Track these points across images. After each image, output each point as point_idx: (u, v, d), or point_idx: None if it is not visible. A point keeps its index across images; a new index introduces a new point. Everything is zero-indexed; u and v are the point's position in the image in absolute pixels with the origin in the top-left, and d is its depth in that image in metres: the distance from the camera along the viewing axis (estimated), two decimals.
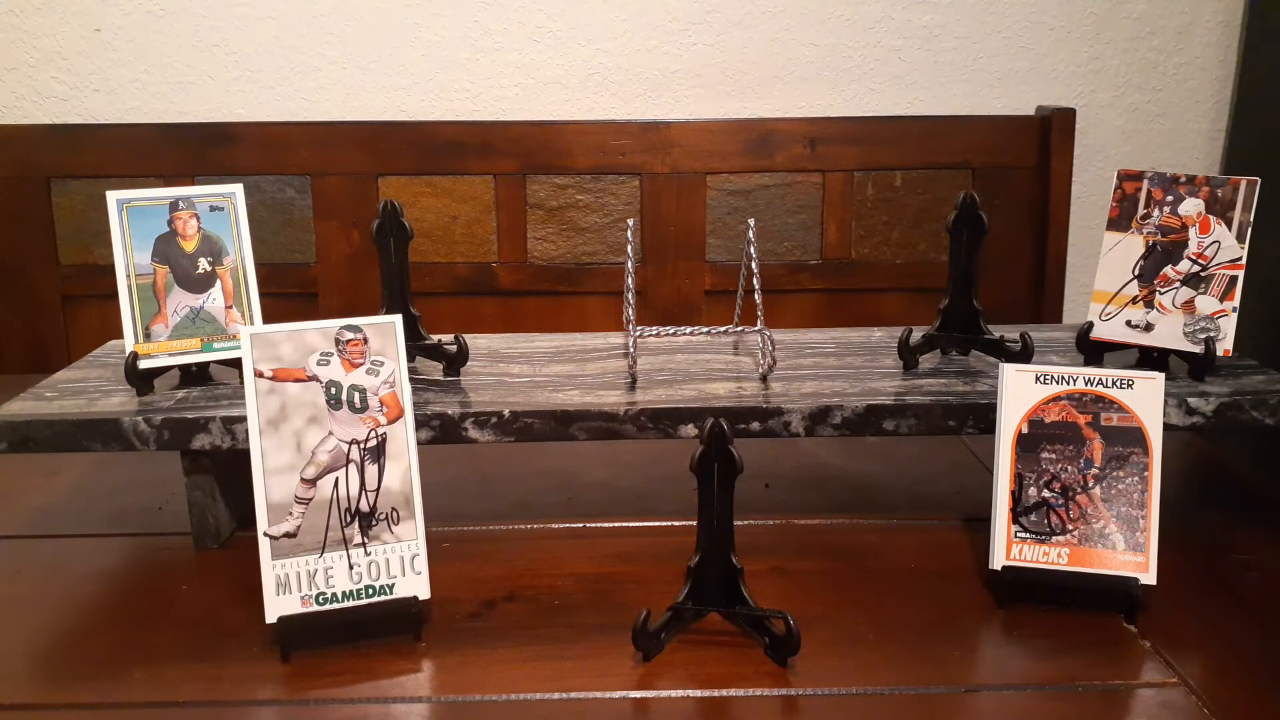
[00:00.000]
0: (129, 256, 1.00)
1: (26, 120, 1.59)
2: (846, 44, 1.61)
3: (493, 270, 1.60)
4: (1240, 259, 1.01)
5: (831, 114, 1.62)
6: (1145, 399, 0.89)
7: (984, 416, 0.97)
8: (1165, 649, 0.83)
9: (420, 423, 0.95)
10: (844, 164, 1.59)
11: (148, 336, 1.00)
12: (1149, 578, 0.86)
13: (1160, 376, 0.89)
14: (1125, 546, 0.87)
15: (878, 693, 0.78)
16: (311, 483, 0.83)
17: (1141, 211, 1.05)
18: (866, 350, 1.14)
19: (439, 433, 0.97)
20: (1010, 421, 0.90)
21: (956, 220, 1.07)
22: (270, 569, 0.81)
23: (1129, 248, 1.05)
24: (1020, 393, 0.90)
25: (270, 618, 0.81)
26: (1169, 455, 0.90)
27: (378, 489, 0.84)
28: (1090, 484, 0.89)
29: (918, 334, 1.09)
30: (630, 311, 1.06)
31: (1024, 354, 1.04)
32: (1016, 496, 0.89)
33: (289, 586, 0.81)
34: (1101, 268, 1.06)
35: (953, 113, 1.62)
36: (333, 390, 0.84)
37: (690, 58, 1.60)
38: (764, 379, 1.04)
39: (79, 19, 1.56)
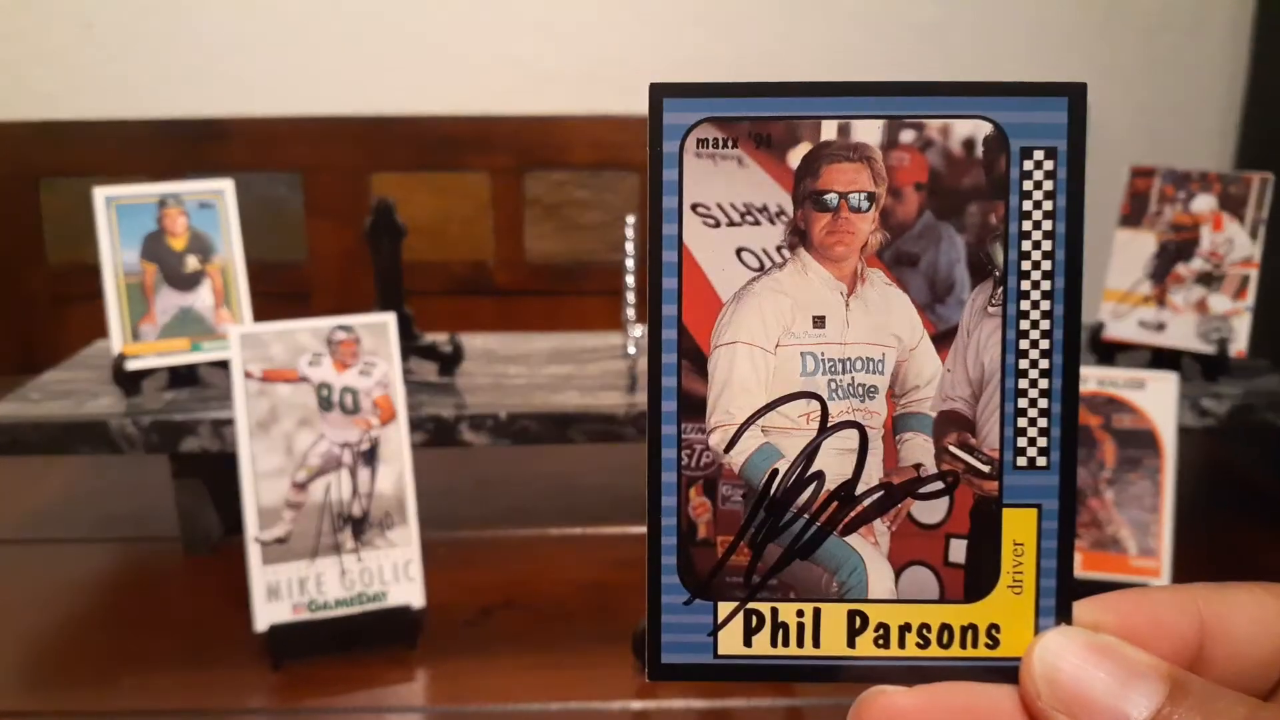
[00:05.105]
0: (117, 255, 0.98)
1: (15, 118, 1.57)
2: (847, 43, 1.59)
3: (489, 268, 1.58)
4: (1254, 257, 0.99)
5: None
6: (1158, 400, 0.87)
7: None
8: None
9: (414, 425, 0.93)
10: None
11: (135, 336, 0.98)
12: (1162, 582, 0.84)
13: (1174, 377, 0.87)
14: (1138, 551, 0.85)
15: None
16: (302, 487, 0.81)
17: (1153, 208, 1.03)
18: None
19: (434, 436, 0.94)
20: None
21: None
22: (260, 575, 0.79)
23: (1141, 245, 1.03)
24: None
25: (260, 625, 0.79)
26: (1181, 458, 0.88)
27: (370, 493, 0.82)
28: (1102, 488, 0.87)
29: None
30: (630, 311, 1.04)
31: None
32: None
33: (279, 593, 0.79)
34: (1113, 266, 1.04)
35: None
36: (324, 392, 0.82)
37: (690, 52, 1.58)
38: None
39: (68, 15, 1.54)
